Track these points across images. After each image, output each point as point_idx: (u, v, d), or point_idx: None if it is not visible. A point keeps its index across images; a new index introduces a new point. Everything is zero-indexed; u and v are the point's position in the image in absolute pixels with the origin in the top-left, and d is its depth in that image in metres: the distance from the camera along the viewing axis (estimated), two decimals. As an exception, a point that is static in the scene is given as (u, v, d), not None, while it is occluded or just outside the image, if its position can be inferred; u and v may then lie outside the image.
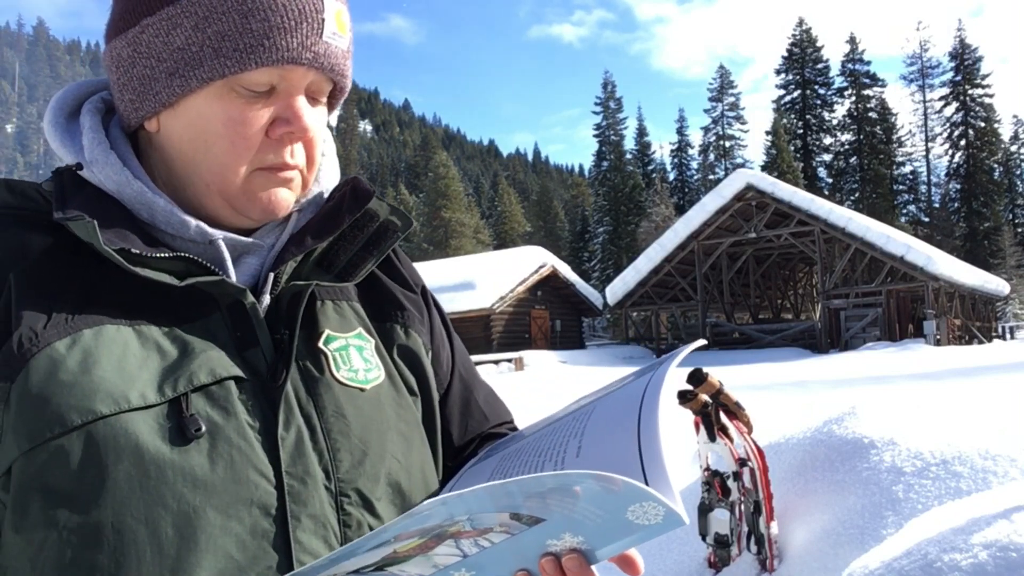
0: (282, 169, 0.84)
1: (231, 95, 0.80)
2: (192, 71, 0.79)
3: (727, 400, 3.70)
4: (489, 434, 1.03)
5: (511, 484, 0.59)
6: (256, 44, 0.78)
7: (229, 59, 0.78)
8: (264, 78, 0.80)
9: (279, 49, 0.78)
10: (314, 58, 0.81)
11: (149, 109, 0.83)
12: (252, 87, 0.80)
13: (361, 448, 0.81)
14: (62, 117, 0.88)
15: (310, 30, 0.80)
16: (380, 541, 0.62)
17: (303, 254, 0.86)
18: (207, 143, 0.81)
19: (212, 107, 0.80)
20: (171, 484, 0.70)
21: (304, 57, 0.80)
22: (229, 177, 0.82)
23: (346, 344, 0.86)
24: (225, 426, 0.74)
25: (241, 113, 0.80)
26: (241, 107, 0.80)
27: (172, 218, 0.81)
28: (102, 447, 0.69)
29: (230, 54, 0.78)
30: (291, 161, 0.84)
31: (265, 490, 0.74)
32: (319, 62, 0.81)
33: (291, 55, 0.79)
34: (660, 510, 0.58)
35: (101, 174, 0.82)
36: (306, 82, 0.83)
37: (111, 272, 0.77)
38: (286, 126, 0.82)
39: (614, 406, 0.75)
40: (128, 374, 0.72)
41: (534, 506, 0.60)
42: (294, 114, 0.82)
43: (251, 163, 0.82)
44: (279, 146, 0.83)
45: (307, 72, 0.82)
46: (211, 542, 0.70)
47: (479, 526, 0.62)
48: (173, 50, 0.79)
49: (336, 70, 0.84)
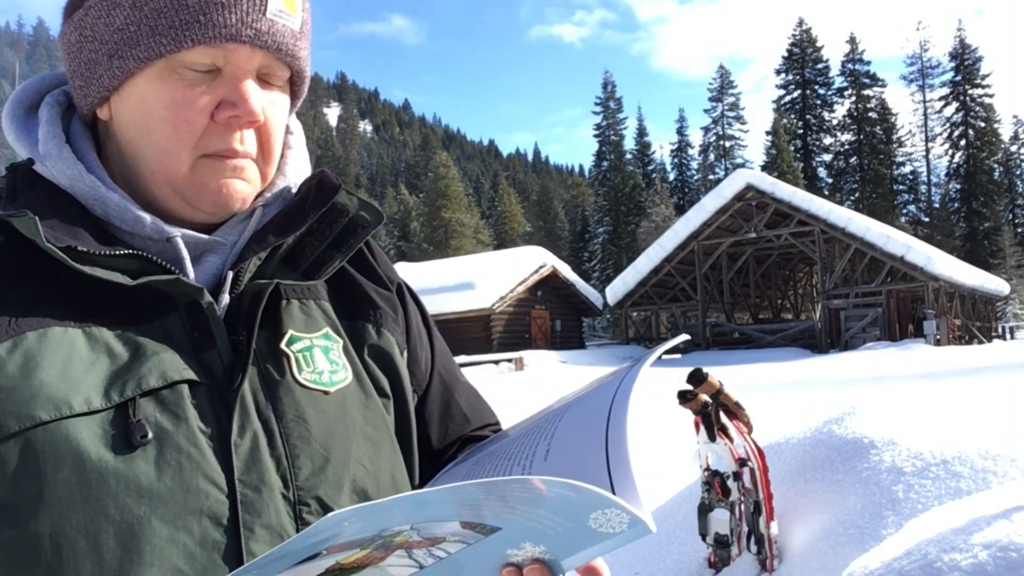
0: (230, 156, 0.79)
1: (173, 77, 0.76)
2: (131, 51, 0.76)
3: (727, 400, 3.70)
4: (471, 437, 0.98)
5: (431, 493, 0.55)
6: (192, 21, 0.74)
7: (165, 37, 0.75)
8: (204, 58, 0.76)
9: (216, 26, 0.74)
10: (255, 36, 0.76)
11: (95, 95, 0.80)
12: (194, 67, 0.76)
13: (323, 454, 0.77)
14: (20, 111, 0.85)
15: (251, 7, 0.76)
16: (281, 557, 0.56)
17: (267, 251, 0.82)
18: (150, 128, 0.78)
19: (154, 90, 0.77)
20: (114, 493, 0.66)
21: (244, 34, 0.76)
22: (173, 164, 0.78)
23: (310, 345, 0.82)
24: (174, 432, 0.70)
25: (183, 95, 0.76)
26: (183, 89, 0.76)
27: (126, 214, 0.78)
28: (41, 455, 0.66)
29: (166, 32, 0.75)
30: (240, 148, 0.79)
31: (216, 499, 0.70)
32: (262, 40, 0.77)
33: (229, 32, 0.75)
34: (624, 517, 0.54)
35: (54, 168, 0.79)
36: (254, 64, 0.78)
37: (61, 272, 0.73)
38: (231, 109, 0.77)
39: (585, 408, 0.72)
40: (72, 378, 0.69)
41: (482, 514, 0.57)
42: (240, 96, 0.77)
43: (195, 149, 0.78)
44: (225, 131, 0.78)
45: (252, 52, 0.77)
46: (156, 554, 0.66)
47: (427, 535, 0.58)
48: (113, 31, 0.77)
49: (284, 50, 0.79)
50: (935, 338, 24.40)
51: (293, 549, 0.55)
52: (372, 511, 0.54)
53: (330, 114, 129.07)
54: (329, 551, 0.57)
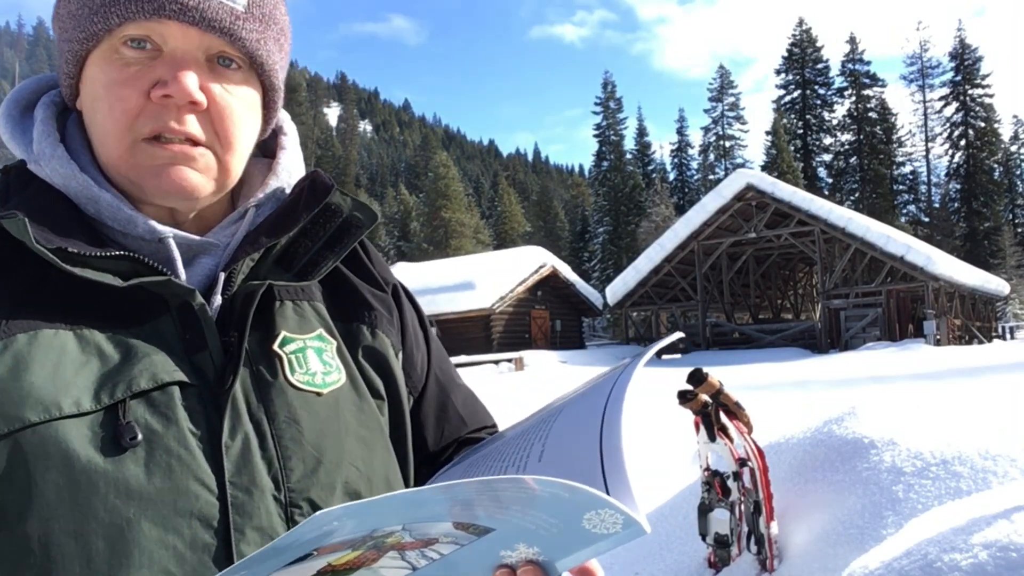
0: (168, 140, 0.77)
1: (113, 57, 0.76)
2: (78, 35, 0.77)
3: (727, 400, 3.70)
4: (467, 439, 0.98)
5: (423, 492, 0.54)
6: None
7: (97, 15, 0.75)
8: (136, 32, 0.75)
9: (140, 0, 0.74)
10: (181, 11, 0.74)
11: (66, 88, 0.81)
12: (129, 45, 0.76)
13: (315, 456, 0.77)
14: (16, 111, 0.85)
15: None
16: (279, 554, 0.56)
17: (260, 252, 0.82)
18: (95, 110, 0.78)
19: (98, 73, 0.77)
20: (102, 495, 0.66)
21: (168, 9, 0.74)
22: (112, 145, 0.77)
23: (303, 346, 0.82)
24: (164, 434, 0.70)
25: (119, 74, 0.76)
26: (119, 69, 0.76)
27: (119, 214, 0.78)
28: (30, 456, 0.66)
29: (98, 10, 0.75)
30: (178, 128, 0.76)
31: (206, 501, 0.70)
32: (189, 16, 0.75)
33: (152, 6, 0.74)
34: (619, 518, 0.53)
35: (48, 168, 0.79)
36: (192, 44, 0.77)
37: (53, 274, 0.73)
38: (164, 88, 0.75)
39: (579, 409, 0.72)
40: (62, 380, 0.69)
41: (476, 514, 0.56)
42: (173, 76, 0.75)
43: (131, 131, 0.76)
44: (161, 111, 0.76)
45: (185, 29, 0.76)
46: (146, 556, 0.66)
47: (419, 536, 0.58)
48: (70, 18, 0.79)
49: (220, 28, 0.76)
50: (935, 338, 24.39)
51: (281, 548, 0.54)
52: (363, 510, 0.53)
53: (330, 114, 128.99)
54: (320, 552, 0.56)
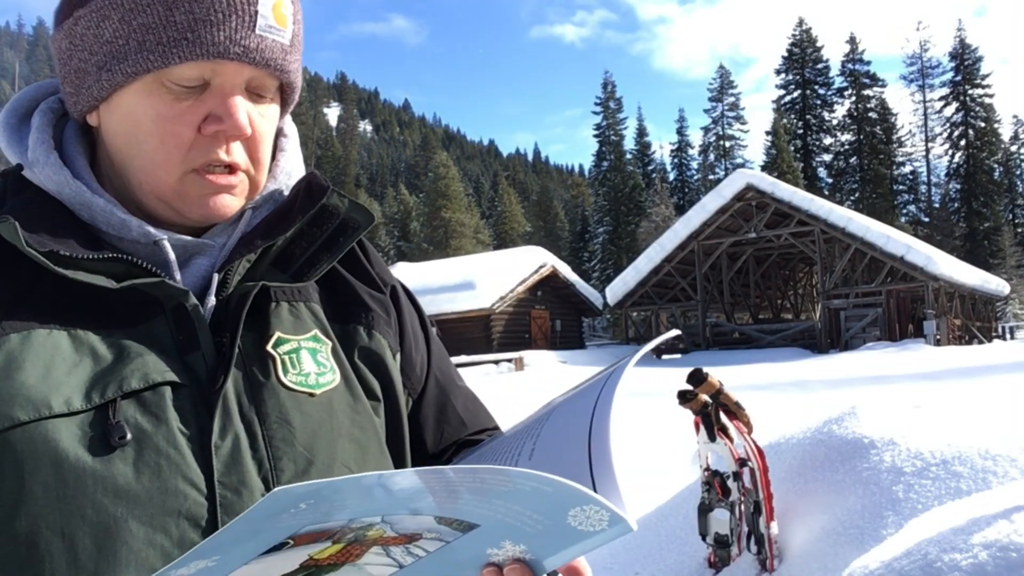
0: (221, 171, 0.80)
1: (161, 90, 0.77)
2: (119, 65, 0.76)
3: (727, 400, 3.70)
4: (467, 441, 0.97)
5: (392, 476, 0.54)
6: (180, 38, 0.74)
7: (152, 53, 0.75)
8: (193, 73, 0.76)
9: (204, 43, 0.74)
10: (244, 52, 0.76)
11: (85, 104, 0.81)
12: (182, 82, 0.76)
13: (306, 456, 0.77)
14: (14, 118, 0.86)
15: (240, 23, 0.75)
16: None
17: (256, 254, 0.82)
18: (138, 140, 0.78)
19: (142, 103, 0.77)
20: (90, 494, 0.66)
21: (232, 52, 0.76)
22: (160, 176, 0.79)
23: (298, 347, 0.82)
24: (154, 433, 0.70)
25: (171, 109, 0.77)
26: (170, 103, 0.77)
27: (112, 218, 0.79)
28: (19, 455, 0.66)
29: (154, 48, 0.75)
30: (227, 159, 0.79)
31: (195, 500, 0.70)
32: (250, 57, 0.77)
33: (217, 49, 0.75)
34: (604, 515, 0.53)
35: (41, 174, 0.80)
36: (242, 78, 0.79)
37: (48, 276, 0.74)
38: (218, 123, 0.77)
39: (571, 408, 0.72)
40: (54, 380, 0.69)
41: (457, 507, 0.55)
42: (227, 111, 0.77)
43: (183, 163, 0.78)
44: (212, 144, 0.78)
45: (240, 67, 0.77)
46: (133, 555, 0.66)
47: (402, 531, 0.57)
48: (102, 43, 0.77)
49: (273, 65, 0.79)
50: (935, 338, 24.39)
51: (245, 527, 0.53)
52: (324, 489, 0.52)
53: (330, 114, 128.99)
54: (296, 541, 0.55)
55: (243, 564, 0.56)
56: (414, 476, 0.54)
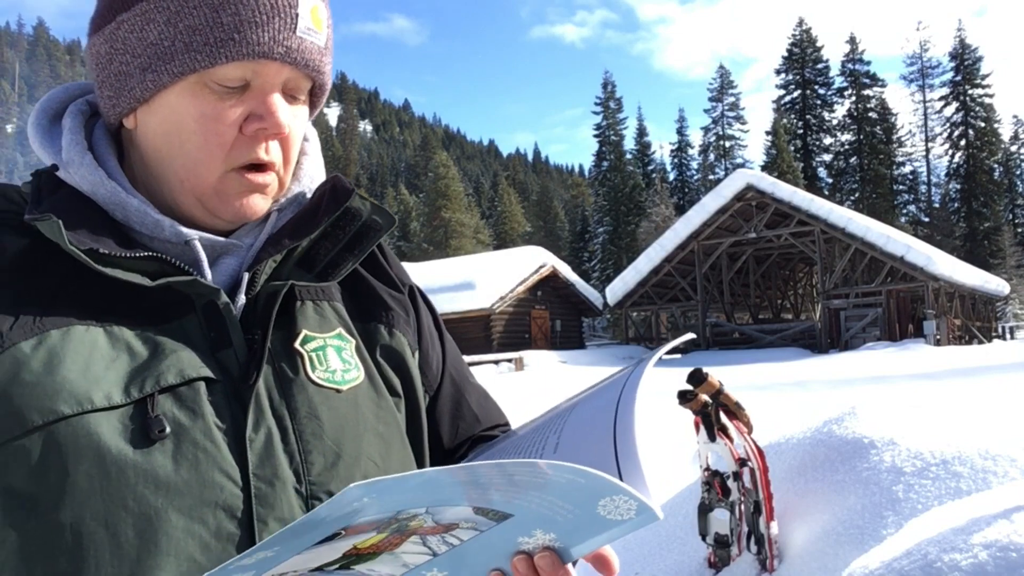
0: (257, 170, 0.83)
1: (204, 91, 0.79)
2: (164, 66, 0.79)
3: (727, 400, 3.70)
4: (481, 437, 1.01)
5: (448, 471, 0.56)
6: (226, 38, 0.77)
7: (200, 53, 0.77)
8: (236, 73, 0.79)
9: (250, 43, 0.78)
10: (286, 53, 0.80)
11: (125, 106, 0.83)
12: (225, 82, 0.79)
13: (335, 450, 0.80)
14: (45, 119, 0.88)
15: (282, 25, 0.79)
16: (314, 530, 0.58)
17: (282, 254, 0.85)
18: (180, 140, 0.81)
19: (185, 103, 0.80)
20: (132, 485, 0.69)
21: (276, 52, 0.79)
22: (203, 174, 0.81)
23: (324, 344, 0.85)
24: (191, 427, 0.73)
25: (214, 109, 0.80)
26: (214, 103, 0.80)
27: (146, 218, 0.81)
28: (63, 448, 0.68)
29: (201, 48, 0.77)
30: (265, 158, 0.83)
31: (231, 492, 0.73)
32: (292, 57, 0.80)
33: (262, 49, 0.78)
34: (632, 504, 0.55)
35: (76, 175, 0.82)
36: (281, 78, 0.82)
37: (84, 273, 0.76)
38: (259, 122, 0.81)
39: (593, 403, 0.74)
40: (94, 375, 0.71)
41: (495, 499, 0.58)
42: (268, 110, 0.81)
43: (225, 161, 0.81)
44: (253, 143, 0.82)
45: (281, 68, 0.81)
46: (173, 544, 0.69)
47: (441, 520, 0.60)
48: (147, 45, 0.79)
49: (311, 66, 0.83)
50: (935, 338, 24.40)
51: (315, 521, 0.56)
52: (389, 486, 0.55)
53: (330, 114, 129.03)
54: (348, 532, 0.58)
55: (296, 554, 0.58)
56: (462, 473, 0.56)
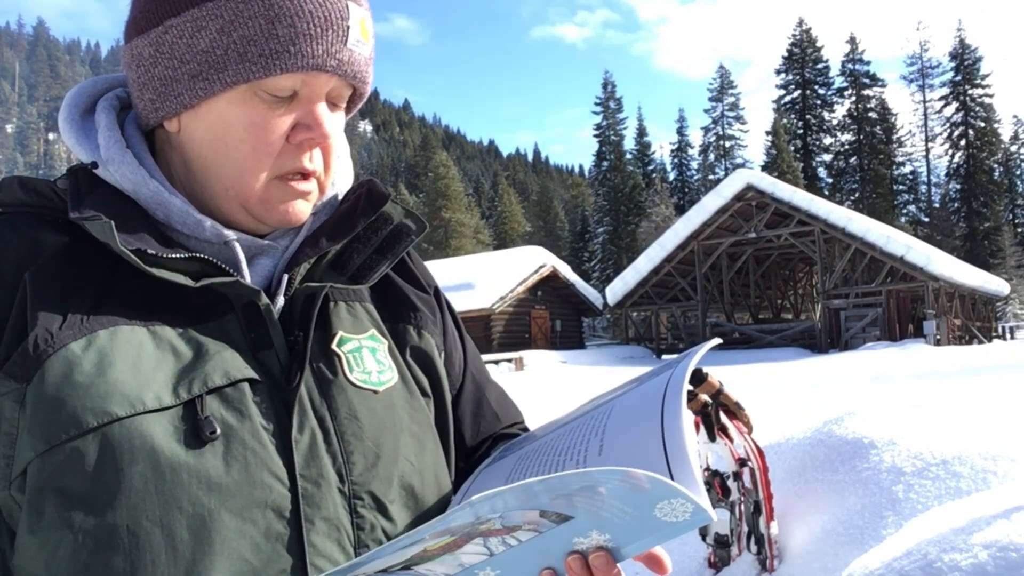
0: (300, 178, 0.84)
1: (254, 100, 0.80)
2: (216, 75, 0.79)
3: (727, 400, 3.70)
4: (501, 435, 1.02)
5: (537, 483, 0.59)
6: (282, 50, 0.78)
7: (255, 64, 0.78)
8: (288, 84, 0.80)
9: (305, 56, 0.78)
10: (338, 65, 0.81)
11: (170, 110, 0.82)
12: (275, 92, 0.80)
13: (374, 450, 0.81)
14: (77, 114, 0.88)
15: (335, 37, 0.80)
16: (412, 542, 0.62)
17: (317, 256, 0.86)
18: (228, 147, 0.81)
19: (235, 111, 0.80)
20: (186, 486, 0.70)
21: (328, 64, 0.80)
22: (249, 182, 0.82)
23: (359, 346, 0.86)
24: (240, 428, 0.74)
25: (263, 118, 0.80)
26: (263, 112, 0.80)
27: (188, 219, 0.81)
28: (117, 449, 0.69)
29: (255, 59, 0.78)
30: (309, 167, 0.84)
31: (279, 492, 0.73)
32: (343, 69, 0.81)
33: (316, 62, 0.79)
34: (688, 507, 0.57)
35: (117, 173, 0.82)
36: (328, 88, 0.83)
37: (126, 272, 0.77)
38: (307, 132, 0.81)
39: (634, 404, 0.74)
40: (143, 376, 0.72)
41: (561, 504, 0.60)
42: (315, 120, 0.81)
43: (271, 170, 0.82)
44: (298, 152, 0.83)
45: (329, 79, 0.82)
46: (225, 545, 0.70)
47: (509, 524, 0.61)
48: (197, 52, 0.79)
49: (359, 77, 0.84)
50: (935, 338, 24.39)
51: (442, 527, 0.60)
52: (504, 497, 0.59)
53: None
54: (430, 537, 0.61)
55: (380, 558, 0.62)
56: (542, 485, 0.59)
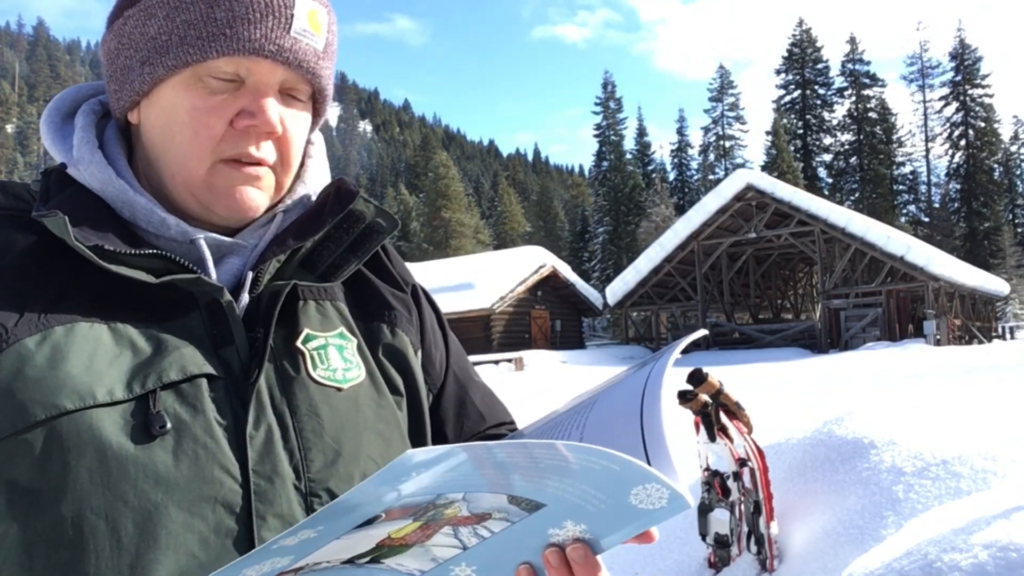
0: (245, 164, 0.83)
1: (198, 85, 0.81)
2: (160, 59, 0.81)
3: (727, 400, 3.70)
4: (487, 435, 1.01)
5: (495, 447, 0.56)
6: (218, 33, 0.79)
7: (192, 47, 0.79)
8: (229, 68, 0.80)
9: (240, 39, 0.79)
10: (278, 51, 0.81)
11: (127, 99, 0.84)
12: (218, 76, 0.80)
13: (334, 448, 0.81)
14: (58, 118, 0.90)
15: (276, 23, 0.80)
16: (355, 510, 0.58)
17: (286, 254, 0.86)
18: (172, 132, 0.82)
19: (179, 96, 0.81)
20: (132, 480, 0.70)
21: (267, 49, 0.80)
22: (192, 167, 0.82)
23: (325, 343, 0.86)
24: (192, 423, 0.74)
25: (205, 102, 0.81)
26: (206, 96, 0.81)
27: (152, 216, 0.82)
28: (65, 442, 0.69)
29: (193, 42, 0.79)
30: (256, 154, 0.83)
31: (230, 488, 0.73)
32: (284, 56, 0.81)
33: (253, 46, 0.79)
34: (664, 493, 0.55)
35: (86, 172, 0.83)
36: (276, 78, 0.83)
37: (90, 270, 0.77)
38: (250, 119, 0.81)
39: (616, 397, 0.74)
40: (97, 371, 0.72)
41: (529, 486, 0.58)
42: (259, 107, 0.81)
43: (213, 153, 0.82)
44: (242, 138, 0.82)
45: (274, 67, 0.82)
46: (172, 539, 0.70)
47: (476, 510, 0.60)
48: (147, 39, 0.81)
49: (305, 67, 0.84)
50: (935, 338, 24.39)
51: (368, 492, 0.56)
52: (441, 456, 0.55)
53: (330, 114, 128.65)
54: (388, 515, 0.59)
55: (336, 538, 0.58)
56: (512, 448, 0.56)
